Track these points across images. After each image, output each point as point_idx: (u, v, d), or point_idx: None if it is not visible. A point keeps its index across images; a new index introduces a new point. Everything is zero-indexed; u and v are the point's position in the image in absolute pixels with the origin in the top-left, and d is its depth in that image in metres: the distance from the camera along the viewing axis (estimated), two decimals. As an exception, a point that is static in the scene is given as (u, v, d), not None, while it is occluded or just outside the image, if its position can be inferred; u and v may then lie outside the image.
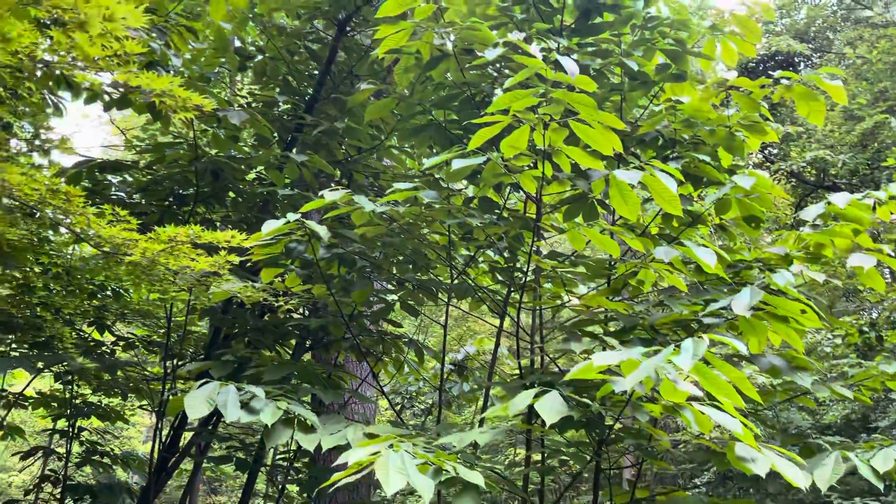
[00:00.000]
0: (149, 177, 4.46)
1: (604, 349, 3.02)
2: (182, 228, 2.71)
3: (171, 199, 4.52)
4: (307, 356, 5.42)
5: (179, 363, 4.78)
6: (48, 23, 2.48)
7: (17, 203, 2.76)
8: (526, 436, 3.28)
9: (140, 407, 5.28)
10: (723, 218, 3.38)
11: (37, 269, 3.96)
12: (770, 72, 4.12)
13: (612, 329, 3.47)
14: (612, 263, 3.43)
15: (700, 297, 3.07)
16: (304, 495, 4.76)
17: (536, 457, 3.60)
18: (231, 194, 4.66)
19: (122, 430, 6.84)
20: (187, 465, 5.95)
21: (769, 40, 11.59)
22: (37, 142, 3.93)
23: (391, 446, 2.34)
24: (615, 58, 3.48)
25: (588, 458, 2.91)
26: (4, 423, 5.03)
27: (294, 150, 4.49)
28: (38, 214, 2.92)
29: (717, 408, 2.31)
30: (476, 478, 2.21)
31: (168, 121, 4.14)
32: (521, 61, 2.99)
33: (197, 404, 2.54)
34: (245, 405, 2.70)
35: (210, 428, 4.70)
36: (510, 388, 3.29)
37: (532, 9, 3.63)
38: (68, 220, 2.76)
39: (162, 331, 5.27)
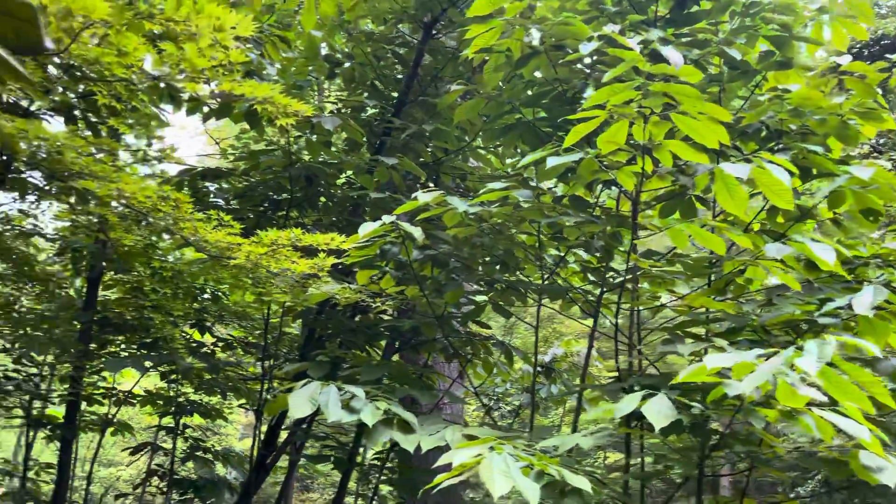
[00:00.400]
0: (245, 183, 4.62)
1: (705, 352, 2.89)
2: (284, 232, 2.78)
3: (265, 205, 4.67)
4: (395, 357, 5.48)
5: (274, 363, 4.93)
6: (154, 36, 2.60)
7: (130, 210, 2.91)
8: (625, 440, 3.19)
9: (240, 405, 5.47)
10: (836, 212, 3.18)
11: (146, 272, 4.17)
12: (875, 57, 3.86)
13: (714, 330, 3.33)
14: (714, 262, 3.29)
15: (812, 295, 2.90)
16: (401, 497, 4.80)
17: (632, 461, 3.49)
18: (322, 199, 4.76)
19: (220, 427, 7.12)
20: (282, 462, 6.13)
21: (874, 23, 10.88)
22: (141, 152, 4.14)
23: (492, 448, 2.31)
24: (714, 47, 3.34)
25: (695, 463, 2.79)
26: (115, 420, 5.33)
27: (382, 154, 4.54)
28: (148, 221, 3.07)
29: (841, 413, 2.16)
30: (582, 482, 2.16)
31: (263, 129, 4.27)
32: (617, 55, 2.91)
33: (300, 404, 2.60)
34: (345, 405, 2.73)
35: (305, 427, 4.82)
36: (609, 390, 3.21)
37: (625, 0, 3.53)
38: (176, 226, 2.88)
39: (257, 332, 5.45)
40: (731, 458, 4.35)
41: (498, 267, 4.16)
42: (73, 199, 3.80)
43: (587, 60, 3.58)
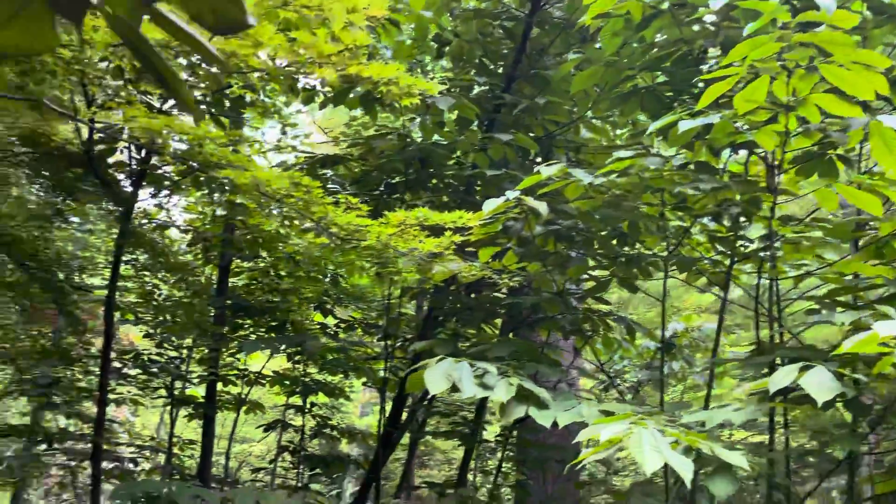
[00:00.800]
0: (360, 168, 4.71)
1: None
2: (411, 212, 2.81)
3: (381, 189, 4.75)
4: (510, 335, 5.47)
5: (393, 343, 5.05)
6: (283, 25, 2.66)
7: (264, 198, 3.02)
8: (769, 415, 3.03)
9: (363, 384, 5.64)
10: None
11: (272, 258, 4.35)
12: None
13: (864, 298, 3.09)
14: (863, 224, 3.05)
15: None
16: (523, 472, 4.82)
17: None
18: (433, 180, 4.79)
19: (341, 406, 7.40)
20: (404, 439, 6.29)
21: None
22: (257, 143, 4.30)
23: (634, 424, 2.25)
24: (856, -9, 3.07)
25: (852, 440, 2.61)
26: (247, 399, 5.63)
27: (494, 131, 4.50)
28: (279, 208, 3.19)
29: None
30: (738, 459, 2.07)
31: (376, 114, 4.33)
32: (751, 7, 2.73)
33: (436, 380, 2.63)
34: (477, 381, 2.74)
35: (426, 403, 4.90)
36: (749, 364, 3.06)
37: (753, -51, 3.30)
38: (307, 210, 2.97)
39: (374, 314, 5.59)
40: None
41: (615, 241, 4.04)
42: (206, 190, 4.01)
43: (710, 18, 3.39)
